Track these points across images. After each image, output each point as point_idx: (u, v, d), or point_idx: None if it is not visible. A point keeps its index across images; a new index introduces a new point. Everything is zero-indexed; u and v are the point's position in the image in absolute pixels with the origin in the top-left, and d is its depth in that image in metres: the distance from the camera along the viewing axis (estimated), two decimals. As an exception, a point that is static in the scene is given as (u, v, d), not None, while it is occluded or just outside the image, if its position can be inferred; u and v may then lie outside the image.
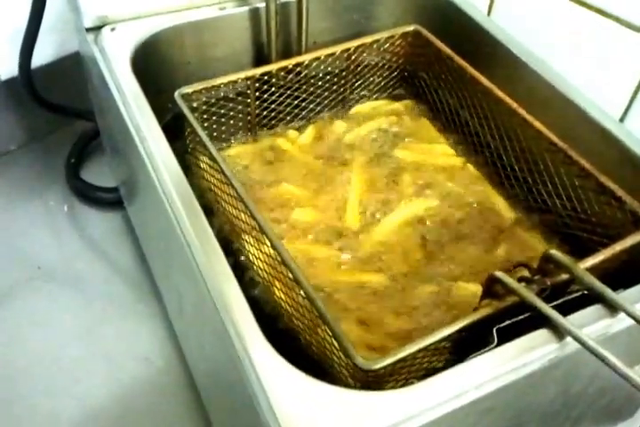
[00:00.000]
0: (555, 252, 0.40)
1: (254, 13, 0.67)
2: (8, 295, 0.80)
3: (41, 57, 0.87)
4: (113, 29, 0.63)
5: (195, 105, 0.59)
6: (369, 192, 0.61)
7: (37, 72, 0.82)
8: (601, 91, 0.58)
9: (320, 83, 0.67)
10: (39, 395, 0.71)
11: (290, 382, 0.37)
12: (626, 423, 0.63)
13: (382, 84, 0.71)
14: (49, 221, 0.89)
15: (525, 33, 0.64)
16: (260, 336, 0.39)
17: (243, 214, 0.50)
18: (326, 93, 0.68)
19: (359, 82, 0.69)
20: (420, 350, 0.38)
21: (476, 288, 0.51)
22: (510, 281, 0.39)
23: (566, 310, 0.39)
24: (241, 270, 0.54)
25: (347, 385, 0.40)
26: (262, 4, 0.66)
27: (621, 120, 0.58)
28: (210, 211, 0.58)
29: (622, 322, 0.39)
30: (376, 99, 0.72)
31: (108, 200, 0.91)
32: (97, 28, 0.63)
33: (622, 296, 0.39)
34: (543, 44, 0.62)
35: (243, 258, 0.55)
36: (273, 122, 0.67)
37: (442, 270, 0.55)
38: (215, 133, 0.64)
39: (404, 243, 0.57)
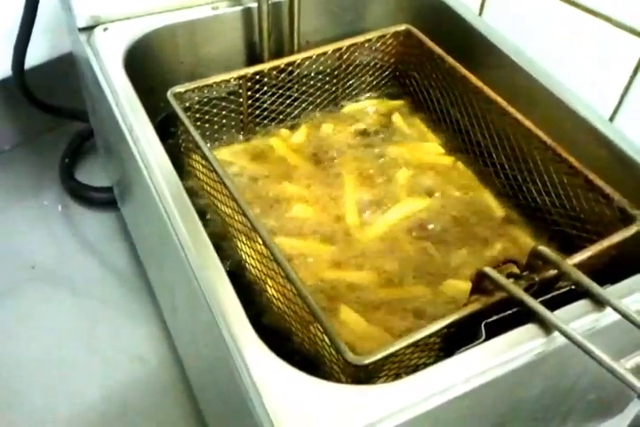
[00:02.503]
0: (542, 248, 0.40)
1: (247, 13, 0.68)
2: (2, 295, 0.80)
3: (34, 57, 0.87)
4: (106, 29, 0.63)
5: (187, 104, 0.59)
6: (361, 191, 0.62)
7: (31, 72, 0.82)
8: (591, 90, 0.58)
9: (312, 82, 0.67)
10: (34, 394, 0.71)
11: (281, 377, 0.37)
12: (616, 420, 0.64)
13: (374, 83, 0.72)
14: (43, 221, 0.89)
15: (516, 33, 0.64)
16: (252, 333, 0.39)
17: (235, 213, 0.50)
18: (318, 92, 0.68)
19: (351, 81, 0.70)
20: (409, 346, 0.38)
21: (465, 286, 0.51)
22: (498, 277, 0.39)
23: (555, 305, 0.40)
24: (233, 269, 0.54)
25: (338, 381, 0.40)
26: (254, 4, 0.66)
27: (611, 119, 0.59)
28: (203, 210, 0.58)
29: (609, 317, 0.40)
30: (368, 98, 0.72)
31: (102, 200, 0.91)
32: (90, 28, 0.64)
33: (609, 291, 0.39)
34: (534, 43, 0.63)
35: (235, 256, 0.55)
36: (265, 121, 0.68)
37: (434, 268, 0.55)
38: (208, 133, 0.64)
39: (396, 242, 0.57)
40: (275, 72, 0.64)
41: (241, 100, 0.64)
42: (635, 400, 0.63)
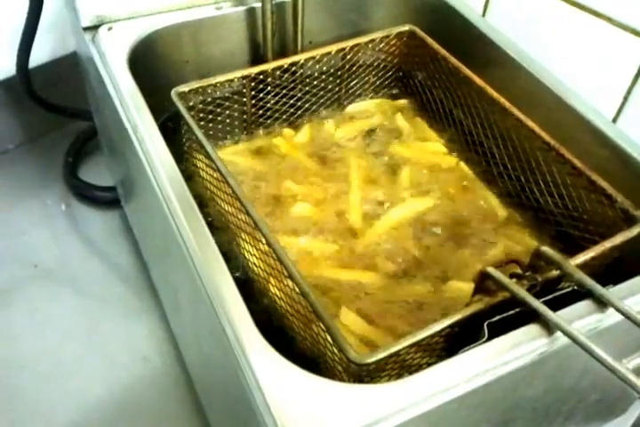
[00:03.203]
0: (545, 248, 0.40)
1: (250, 13, 0.68)
2: (5, 293, 0.80)
3: (39, 57, 0.88)
4: (110, 29, 0.64)
5: (191, 104, 0.59)
6: (364, 191, 0.62)
7: (35, 72, 0.82)
8: (594, 91, 0.58)
9: (316, 82, 0.67)
10: (36, 392, 0.71)
11: (284, 375, 0.37)
12: (618, 420, 0.64)
13: (377, 83, 0.72)
14: (46, 220, 0.90)
15: (520, 34, 0.65)
16: (255, 332, 0.39)
17: (238, 212, 0.50)
18: (322, 93, 0.69)
19: (355, 81, 0.70)
20: (412, 345, 0.38)
21: (468, 286, 0.51)
22: (501, 277, 0.39)
23: (557, 305, 0.40)
24: (237, 267, 0.54)
25: (341, 381, 0.40)
26: (258, 4, 0.67)
27: (614, 120, 0.59)
28: (206, 209, 0.58)
29: (611, 317, 0.40)
30: (371, 98, 0.73)
31: (106, 199, 0.91)
32: (94, 28, 0.64)
33: (612, 292, 0.39)
34: (537, 44, 0.63)
35: (239, 255, 0.55)
36: (269, 121, 0.68)
37: (436, 268, 0.55)
38: (211, 132, 0.64)
39: (399, 241, 0.57)
40: (278, 72, 0.64)
41: (244, 99, 0.64)
42: (637, 402, 0.63)
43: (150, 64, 0.65)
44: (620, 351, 0.43)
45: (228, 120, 0.64)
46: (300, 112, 0.69)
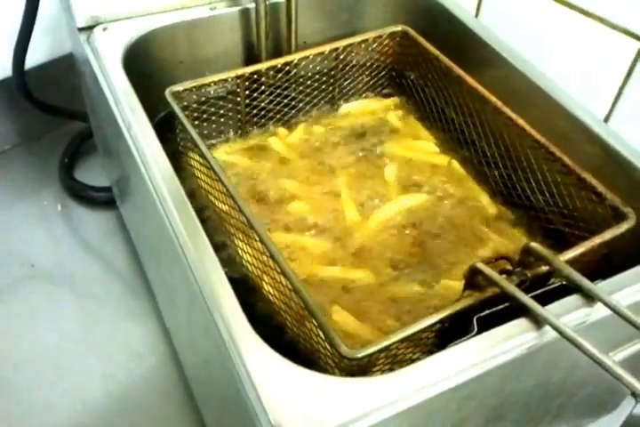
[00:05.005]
0: (535, 244, 0.41)
1: (245, 14, 0.68)
2: (1, 293, 0.80)
3: (34, 58, 0.88)
4: (105, 29, 0.64)
5: (185, 103, 0.60)
6: (357, 189, 0.62)
7: (31, 73, 0.83)
8: (586, 91, 0.59)
9: (309, 82, 0.68)
10: (33, 391, 0.71)
11: (276, 370, 0.37)
12: (610, 417, 0.64)
13: (370, 83, 0.72)
14: (42, 221, 0.90)
15: (512, 34, 0.65)
16: (249, 329, 0.40)
17: (232, 210, 0.51)
18: (315, 92, 0.69)
19: (348, 81, 0.70)
20: (402, 340, 0.38)
21: (459, 285, 0.52)
22: (491, 272, 0.40)
23: (547, 301, 0.40)
24: (231, 266, 0.55)
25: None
26: (252, 5, 0.67)
27: (606, 120, 0.59)
28: (200, 208, 0.59)
29: (599, 312, 0.40)
30: (364, 97, 0.73)
31: (102, 199, 0.91)
32: (89, 28, 0.64)
33: (600, 286, 0.40)
34: (529, 44, 0.63)
35: (233, 253, 0.55)
36: (263, 120, 0.68)
37: (428, 266, 0.56)
38: (206, 131, 0.65)
39: (390, 239, 0.58)
40: (272, 72, 0.65)
41: (239, 99, 0.64)
42: (629, 398, 0.63)
43: (145, 64, 0.65)
44: (608, 345, 0.43)
45: (222, 119, 0.65)
46: (293, 112, 0.69)
